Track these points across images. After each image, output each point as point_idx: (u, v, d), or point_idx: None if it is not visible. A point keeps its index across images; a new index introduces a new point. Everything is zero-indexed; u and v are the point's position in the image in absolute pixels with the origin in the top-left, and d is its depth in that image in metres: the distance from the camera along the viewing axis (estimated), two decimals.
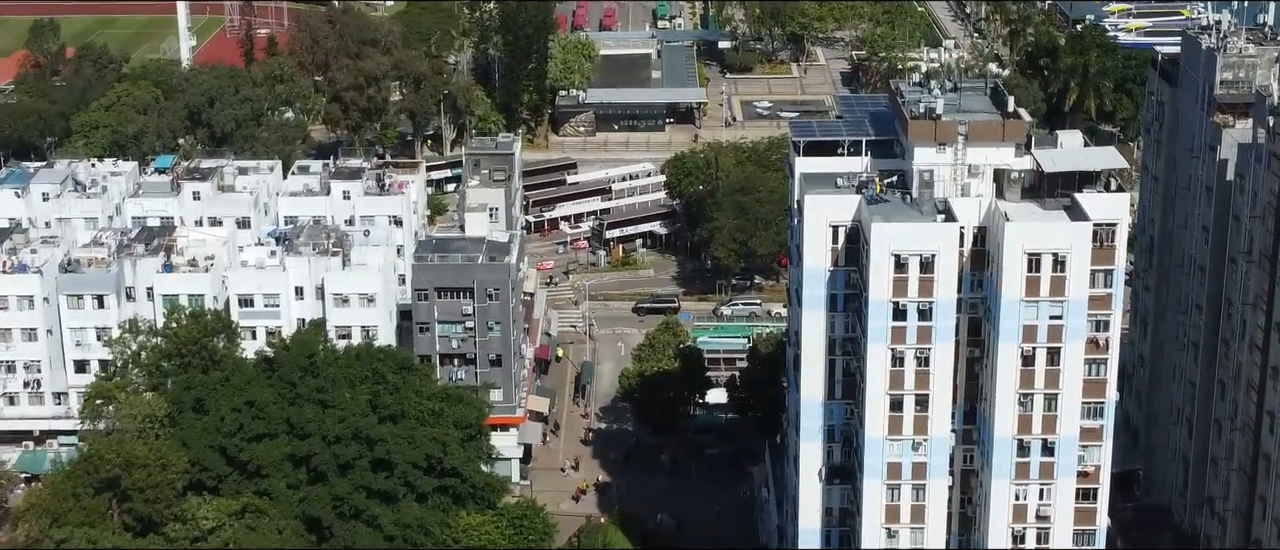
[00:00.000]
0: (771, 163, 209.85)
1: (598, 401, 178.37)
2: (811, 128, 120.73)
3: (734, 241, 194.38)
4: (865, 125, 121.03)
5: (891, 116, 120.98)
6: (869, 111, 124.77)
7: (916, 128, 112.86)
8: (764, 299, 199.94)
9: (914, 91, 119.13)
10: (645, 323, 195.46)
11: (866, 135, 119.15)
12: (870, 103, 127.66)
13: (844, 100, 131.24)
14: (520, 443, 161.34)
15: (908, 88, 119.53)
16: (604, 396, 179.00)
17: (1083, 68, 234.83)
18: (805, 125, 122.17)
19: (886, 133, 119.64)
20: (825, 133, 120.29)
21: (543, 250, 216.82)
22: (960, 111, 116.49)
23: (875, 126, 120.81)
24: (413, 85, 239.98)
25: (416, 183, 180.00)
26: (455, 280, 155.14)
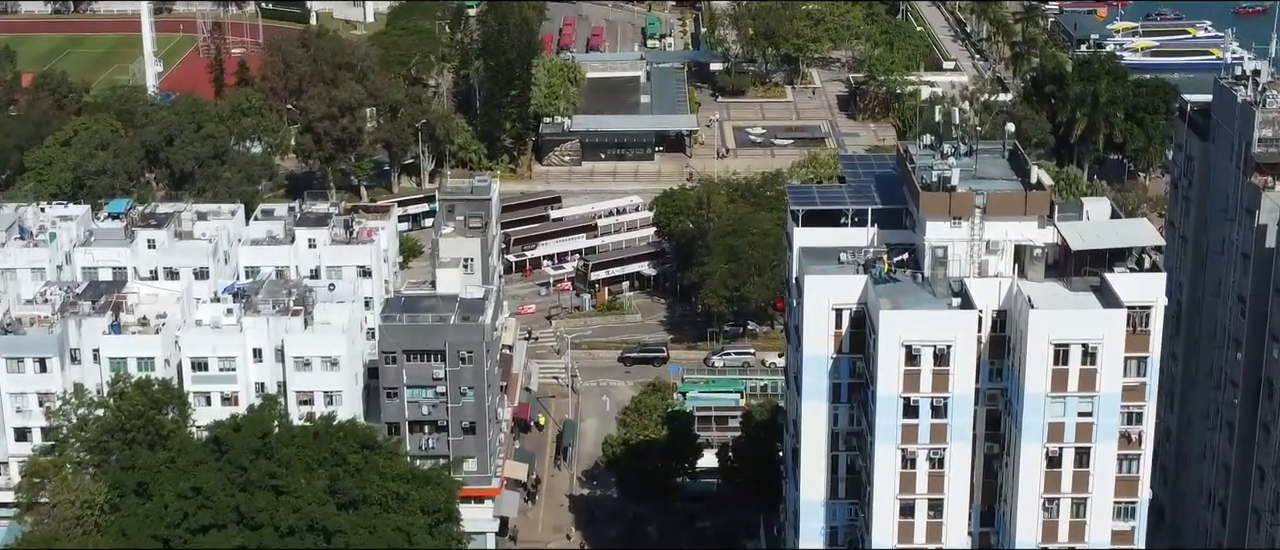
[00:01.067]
0: (765, 200, 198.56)
1: (581, 464, 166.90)
2: (811, 194, 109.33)
3: (726, 288, 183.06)
4: (871, 191, 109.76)
5: (899, 181, 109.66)
6: (875, 174, 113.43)
7: (929, 200, 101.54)
8: (758, 347, 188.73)
9: (924, 155, 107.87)
10: (632, 374, 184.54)
11: (872, 203, 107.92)
12: (876, 164, 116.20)
13: (846, 161, 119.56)
14: (496, 515, 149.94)
15: (917, 150, 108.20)
16: (588, 458, 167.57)
17: (1092, 96, 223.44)
18: (804, 191, 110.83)
19: (894, 200, 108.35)
20: (827, 200, 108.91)
21: (524, 292, 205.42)
22: (976, 179, 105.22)
23: (882, 193, 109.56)
24: (389, 114, 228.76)
25: (387, 229, 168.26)
26: (425, 343, 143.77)
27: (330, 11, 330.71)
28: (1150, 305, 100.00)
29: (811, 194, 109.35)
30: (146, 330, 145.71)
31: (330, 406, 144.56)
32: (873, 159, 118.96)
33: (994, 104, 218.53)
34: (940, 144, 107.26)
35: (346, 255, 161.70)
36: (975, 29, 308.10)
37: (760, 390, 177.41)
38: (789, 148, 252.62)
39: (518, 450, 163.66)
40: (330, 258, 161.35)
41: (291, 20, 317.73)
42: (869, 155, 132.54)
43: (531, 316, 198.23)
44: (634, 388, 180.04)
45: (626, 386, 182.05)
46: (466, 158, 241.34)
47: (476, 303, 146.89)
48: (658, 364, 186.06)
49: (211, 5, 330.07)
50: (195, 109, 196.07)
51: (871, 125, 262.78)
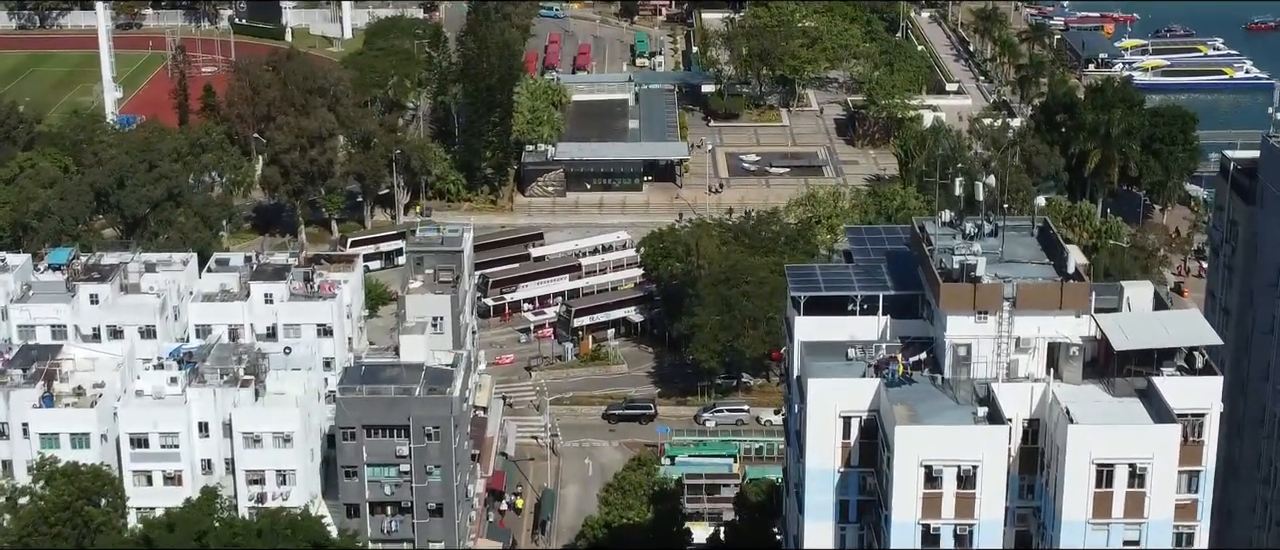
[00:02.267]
0: (760, 242, 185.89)
1: (560, 537, 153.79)
2: (814, 277, 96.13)
3: (717, 342, 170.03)
4: (881, 273, 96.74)
5: (913, 258, 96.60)
6: (885, 250, 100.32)
7: (951, 293, 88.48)
8: (753, 402, 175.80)
9: (943, 234, 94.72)
10: (618, 432, 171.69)
11: (883, 287, 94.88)
12: (885, 236, 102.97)
13: (853, 235, 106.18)
14: None
15: (935, 228, 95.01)
16: (568, 531, 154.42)
17: (1105, 127, 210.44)
18: (806, 274, 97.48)
19: (908, 283, 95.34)
20: (832, 284, 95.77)
21: (502, 339, 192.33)
22: (1003, 262, 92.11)
23: (894, 274, 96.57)
24: (361, 145, 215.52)
25: (351, 280, 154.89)
26: (387, 417, 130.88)
27: (307, 27, 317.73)
28: (1204, 412, 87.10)
29: (814, 276, 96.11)
30: (82, 402, 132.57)
31: (283, 487, 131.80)
32: (882, 230, 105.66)
33: (1003, 137, 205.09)
34: (961, 222, 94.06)
35: (305, 312, 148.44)
36: (979, 48, 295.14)
37: (755, 452, 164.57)
38: (785, 176, 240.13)
39: (491, 526, 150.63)
40: (288, 315, 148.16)
41: (267, 36, 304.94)
42: (878, 226, 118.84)
43: (510, 366, 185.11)
44: (619, 449, 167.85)
45: (611, 447, 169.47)
46: (444, 189, 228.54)
47: (444, 373, 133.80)
48: (645, 421, 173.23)
49: (182, 21, 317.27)
50: (148, 147, 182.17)
51: (871, 152, 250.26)
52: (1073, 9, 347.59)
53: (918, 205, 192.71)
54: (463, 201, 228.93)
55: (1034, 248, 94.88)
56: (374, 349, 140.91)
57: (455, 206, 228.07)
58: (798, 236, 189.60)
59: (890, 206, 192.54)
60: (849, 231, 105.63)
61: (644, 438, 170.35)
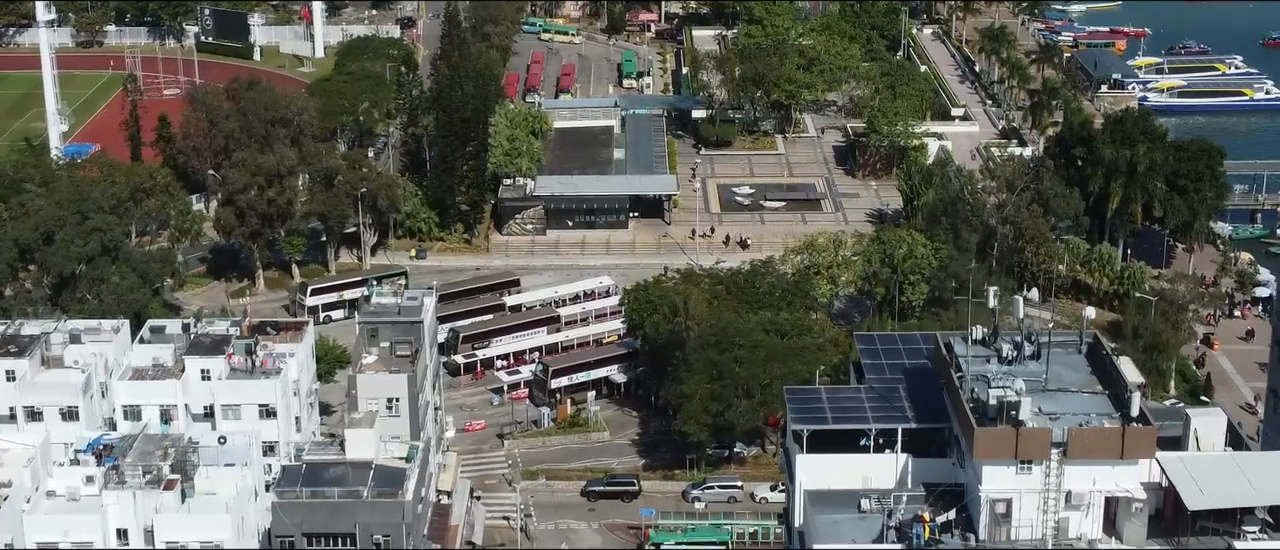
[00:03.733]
0: (756, 295, 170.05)
1: None
2: (819, 404, 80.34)
3: (707, 413, 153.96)
4: (899, 398, 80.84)
5: (937, 379, 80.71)
6: (904, 365, 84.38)
7: (988, 440, 72.74)
8: (747, 476, 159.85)
9: (976, 360, 78.74)
10: (598, 511, 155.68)
11: (903, 418, 78.99)
12: (902, 346, 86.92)
13: (864, 344, 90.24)
14: None
15: (964, 349, 79.07)
16: None
17: (1128, 164, 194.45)
18: (809, 399, 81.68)
19: (932, 413, 79.58)
20: (841, 412, 79.99)
21: (473, 401, 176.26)
22: (1046, 391, 76.21)
23: (915, 399, 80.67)
24: (323, 183, 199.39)
25: (300, 351, 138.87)
26: (330, 524, 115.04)
27: (277, 45, 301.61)
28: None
29: (819, 404, 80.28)
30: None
31: None
32: (899, 338, 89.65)
33: (1018, 177, 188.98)
34: (996, 340, 78.08)
35: (246, 391, 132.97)
36: (985, 69, 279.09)
37: (749, 537, 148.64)
38: (780, 212, 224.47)
39: None
40: (226, 394, 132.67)
41: (234, 56, 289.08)
42: (894, 333, 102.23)
43: (481, 433, 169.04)
44: (599, 532, 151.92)
45: (590, 529, 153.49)
46: (415, 227, 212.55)
47: (395, 472, 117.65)
48: (628, 499, 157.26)
49: (146, 39, 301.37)
50: (81, 197, 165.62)
51: (873, 184, 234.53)
52: (1081, 24, 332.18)
53: (925, 253, 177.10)
54: (435, 241, 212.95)
55: (1082, 370, 79.11)
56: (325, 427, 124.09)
57: (427, 246, 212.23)
58: (795, 288, 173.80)
59: (896, 255, 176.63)
60: (859, 341, 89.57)
61: (627, 517, 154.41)
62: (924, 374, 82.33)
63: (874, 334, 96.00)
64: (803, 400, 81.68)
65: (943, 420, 78.39)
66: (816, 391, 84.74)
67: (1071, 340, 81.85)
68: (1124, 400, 75.15)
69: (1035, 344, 78.82)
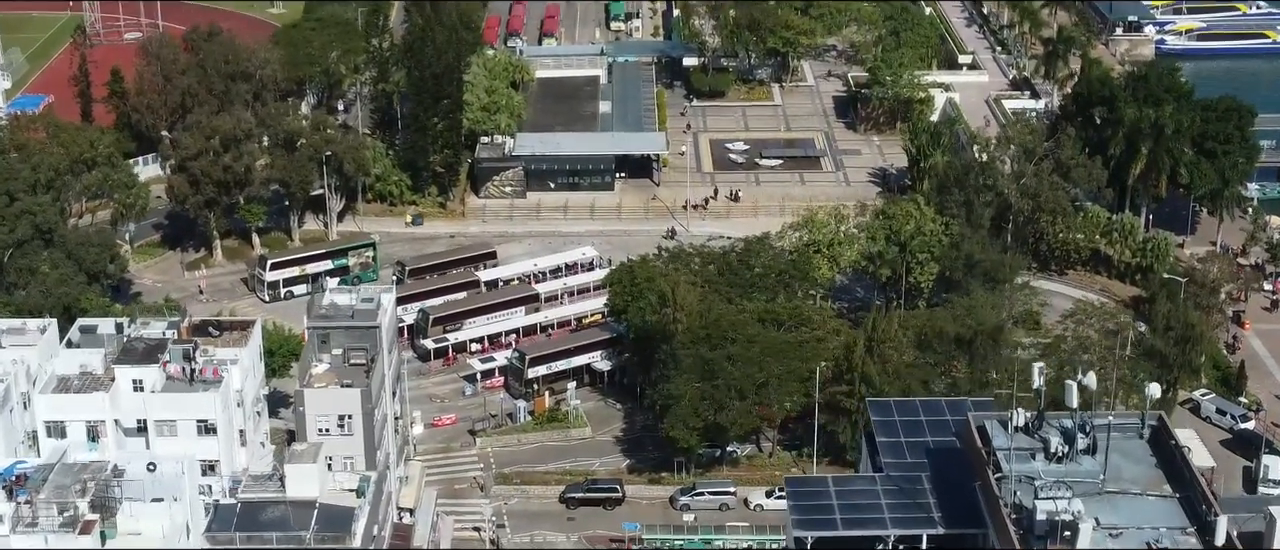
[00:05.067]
0: (751, 279, 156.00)
1: None
2: (825, 501, 66.32)
3: (697, 416, 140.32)
4: (922, 495, 66.87)
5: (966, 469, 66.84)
6: (926, 447, 70.37)
7: None
8: (740, 480, 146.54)
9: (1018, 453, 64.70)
10: (577, 520, 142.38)
11: (928, 524, 65.16)
12: (925, 419, 72.84)
13: (879, 416, 76.00)
14: None
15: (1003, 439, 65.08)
16: None
17: (1153, 127, 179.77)
18: (813, 496, 67.72)
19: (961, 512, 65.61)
20: (853, 515, 66.15)
21: (444, 390, 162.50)
22: (1103, 494, 62.30)
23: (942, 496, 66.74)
24: (284, 146, 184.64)
25: (245, 356, 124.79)
26: None
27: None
28: None
29: (826, 501, 66.35)
30: None
31: None
32: (920, 406, 75.51)
33: (1035, 145, 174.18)
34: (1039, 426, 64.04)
35: (182, 406, 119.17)
36: (995, 12, 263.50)
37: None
38: (777, 170, 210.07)
39: None
40: (160, 409, 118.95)
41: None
42: (913, 399, 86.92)
43: (451, 429, 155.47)
44: (577, 545, 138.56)
45: (568, 542, 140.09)
46: (386, 190, 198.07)
47: (341, 514, 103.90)
48: (610, 506, 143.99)
49: None
50: (9, 176, 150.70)
51: (875, 138, 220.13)
52: None
53: (935, 229, 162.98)
54: (407, 205, 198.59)
55: (1146, 461, 65.45)
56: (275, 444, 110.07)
57: (398, 212, 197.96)
58: (793, 268, 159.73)
59: (903, 232, 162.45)
60: (873, 409, 75.48)
61: (609, 527, 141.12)
62: (951, 458, 68.55)
63: (891, 402, 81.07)
64: (806, 497, 67.79)
65: (977, 524, 64.76)
66: (822, 484, 70.74)
67: (1131, 423, 67.92)
68: (1197, 504, 61.41)
69: (1090, 433, 64.87)
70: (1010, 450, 64.42)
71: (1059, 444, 64.42)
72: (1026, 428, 65.95)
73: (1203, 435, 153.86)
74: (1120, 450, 65.71)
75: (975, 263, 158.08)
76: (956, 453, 68.85)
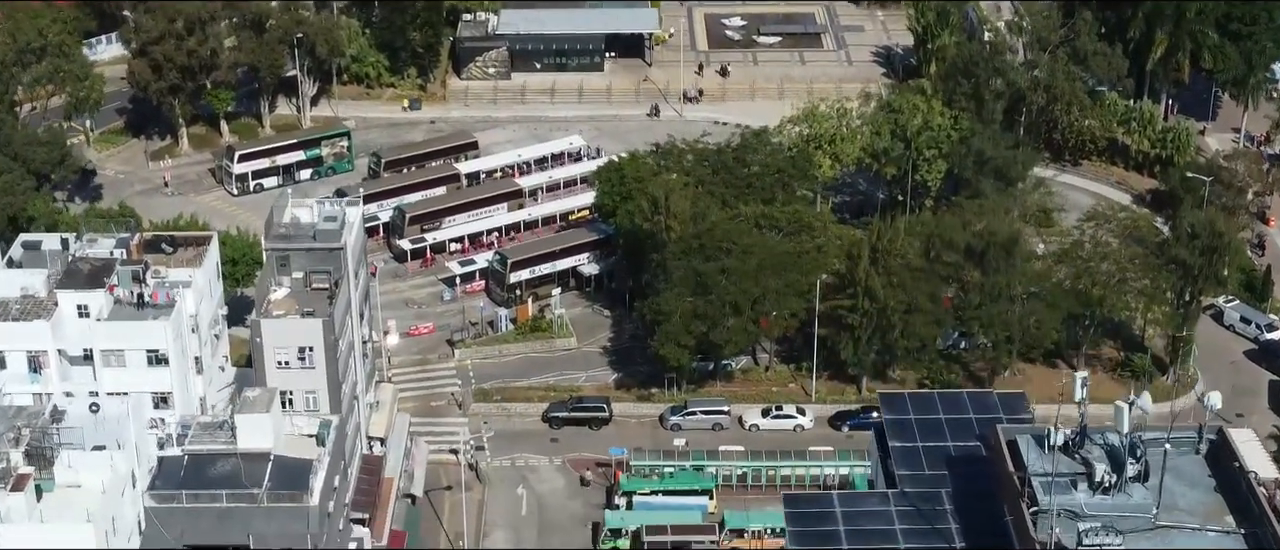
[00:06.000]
0: (749, 180, 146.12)
1: None
2: (830, 525, 57.19)
3: (688, 333, 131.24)
4: (942, 518, 57.79)
5: (995, 489, 57.64)
6: (947, 457, 61.10)
7: None
8: (734, 396, 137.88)
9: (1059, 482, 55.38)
10: (562, 441, 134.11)
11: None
12: (945, 415, 63.48)
13: (891, 407, 66.44)
14: None
15: (1038, 457, 55.81)
16: None
17: (1174, 7, 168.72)
18: (816, 518, 58.61)
19: (984, 531, 56.42)
20: (860, 545, 56.65)
21: (421, 294, 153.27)
22: (1157, 528, 53.18)
23: (965, 514, 57.61)
24: (251, 28, 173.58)
25: (200, 276, 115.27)
26: (217, 535, 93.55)
27: None
28: None
29: (831, 524, 57.08)
30: None
31: None
32: (939, 401, 65.97)
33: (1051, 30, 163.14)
34: (1081, 444, 54.70)
35: (131, 335, 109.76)
36: None
37: (738, 480, 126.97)
38: (775, 48, 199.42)
39: None
40: (107, 338, 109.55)
41: None
42: (931, 392, 75.14)
43: (428, 339, 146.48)
44: (562, 470, 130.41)
45: (552, 467, 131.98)
46: (362, 72, 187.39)
47: (298, 467, 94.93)
48: (597, 426, 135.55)
49: None
50: None
51: (879, 14, 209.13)
52: None
53: (943, 123, 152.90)
54: (384, 87, 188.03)
55: (1204, 485, 56.37)
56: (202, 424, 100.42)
57: (375, 95, 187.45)
58: (792, 166, 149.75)
59: (910, 126, 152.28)
60: (885, 404, 66.07)
61: (595, 448, 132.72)
62: (977, 470, 59.25)
63: (905, 396, 70.88)
64: (808, 520, 58.60)
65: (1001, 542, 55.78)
66: (826, 502, 61.37)
67: (1186, 438, 58.55)
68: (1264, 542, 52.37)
69: (1141, 456, 55.52)
70: (1049, 480, 55.09)
71: (1106, 472, 55.01)
72: (1067, 447, 56.49)
73: (1226, 347, 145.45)
74: (1174, 470, 56.58)
75: (986, 160, 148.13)
76: (982, 463, 59.69)
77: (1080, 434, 56.71)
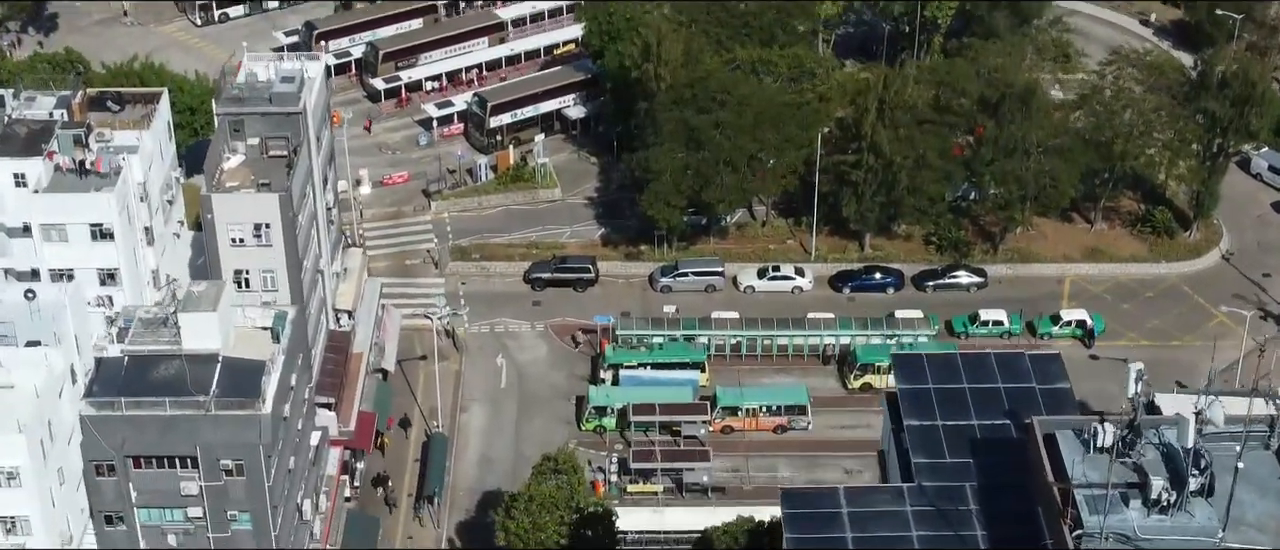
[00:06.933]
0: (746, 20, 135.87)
1: (455, 509, 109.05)
2: (836, 529, 48.83)
3: (679, 192, 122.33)
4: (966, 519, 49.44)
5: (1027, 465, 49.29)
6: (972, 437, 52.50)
7: None
8: (729, 254, 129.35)
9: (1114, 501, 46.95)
10: (544, 304, 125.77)
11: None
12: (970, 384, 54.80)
13: (905, 373, 57.66)
14: None
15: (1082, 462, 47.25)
16: (469, 494, 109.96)
17: None
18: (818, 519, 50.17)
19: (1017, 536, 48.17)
20: None
21: (396, 138, 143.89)
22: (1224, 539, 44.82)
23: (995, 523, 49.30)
24: None
25: (149, 139, 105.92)
26: (161, 446, 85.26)
27: None
28: None
29: (836, 530, 48.82)
30: None
31: (14, 538, 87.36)
32: (961, 363, 57.13)
33: None
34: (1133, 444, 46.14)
35: (71, 208, 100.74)
36: None
37: (732, 349, 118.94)
38: None
39: (351, 513, 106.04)
40: (45, 212, 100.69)
41: None
42: (952, 352, 63.95)
43: (403, 189, 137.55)
44: (544, 336, 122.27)
45: (533, 333, 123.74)
46: None
47: (250, 370, 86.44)
48: (582, 287, 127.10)
49: None
50: None
51: None
52: None
53: None
54: None
55: (1274, 491, 47.33)
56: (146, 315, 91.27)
57: None
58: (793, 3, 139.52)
59: None
60: (899, 368, 57.27)
61: (580, 312, 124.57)
62: (1004, 456, 50.72)
63: (922, 356, 61.64)
64: (806, 524, 50.25)
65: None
66: (830, 499, 52.80)
67: (1257, 432, 49.95)
68: None
69: (1205, 467, 46.93)
70: (1096, 494, 46.56)
71: (1164, 488, 46.37)
72: (1117, 447, 47.99)
73: (1253, 197, 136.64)
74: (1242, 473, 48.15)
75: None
76: (1014, 446, 51.35)
77: (1132, 432, 48.24)
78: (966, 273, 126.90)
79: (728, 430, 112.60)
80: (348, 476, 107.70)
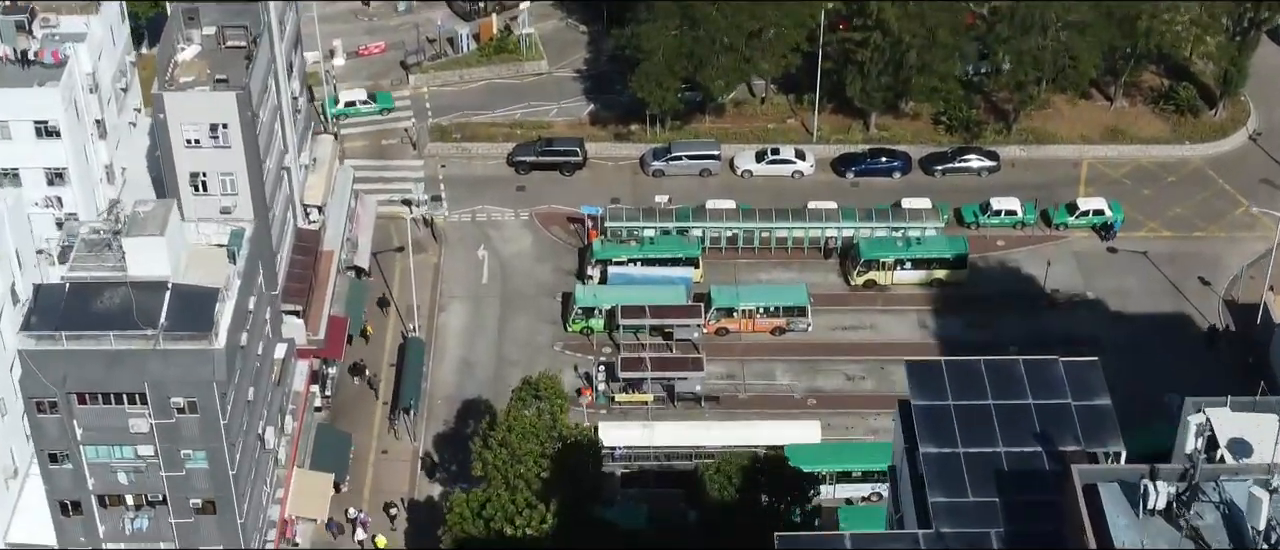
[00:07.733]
0: None
1: (432, 420, 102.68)
2: None
3: (672, 74, 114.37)
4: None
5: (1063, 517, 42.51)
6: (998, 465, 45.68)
7: None
8: (726, 134, 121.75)
9: None
10: (529, 189, 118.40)
11: None
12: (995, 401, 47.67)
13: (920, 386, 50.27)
14: None
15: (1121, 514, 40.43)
16: (450, 393, 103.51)
17: None
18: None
19: None
20: None
21: (372, 3, 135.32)
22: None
23: None
24: None
25: (97, 25, 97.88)
26: (107, 382, 78.35)
27: None
28: None
29: None
30: None
31: None
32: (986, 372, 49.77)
33: None
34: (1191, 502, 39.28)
35: (13, 104, 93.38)
36: None
37: (728, 243, 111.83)
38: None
39: (321, 427, 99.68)
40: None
41: None
42: (975, 360, 55.10)
43: (380, 59, 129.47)
44: (528, 226, 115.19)
45: (517, 222, 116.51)
46: None
47: (202, 298, 79.30)
48: (569, 171, 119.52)
49: None
50: None
51: None
52: None
53: None
54: None
55: None
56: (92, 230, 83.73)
57: None
58: None
59: None
60: (913, 380, 49.94)
61: (565, 200, 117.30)
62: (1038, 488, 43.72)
63: (940, 365, 53.15)
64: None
65: None
66: (837, 545, 46.05)
67: None
68: None
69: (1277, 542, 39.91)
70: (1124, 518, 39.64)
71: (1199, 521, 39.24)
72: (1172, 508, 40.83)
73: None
74: None
75: None
76: (1047, 480, 44.24)
77: (1190, 489, 41.29)
78: (977, 156, 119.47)
79: (722, 332, 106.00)
80: (318, 386, 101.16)
